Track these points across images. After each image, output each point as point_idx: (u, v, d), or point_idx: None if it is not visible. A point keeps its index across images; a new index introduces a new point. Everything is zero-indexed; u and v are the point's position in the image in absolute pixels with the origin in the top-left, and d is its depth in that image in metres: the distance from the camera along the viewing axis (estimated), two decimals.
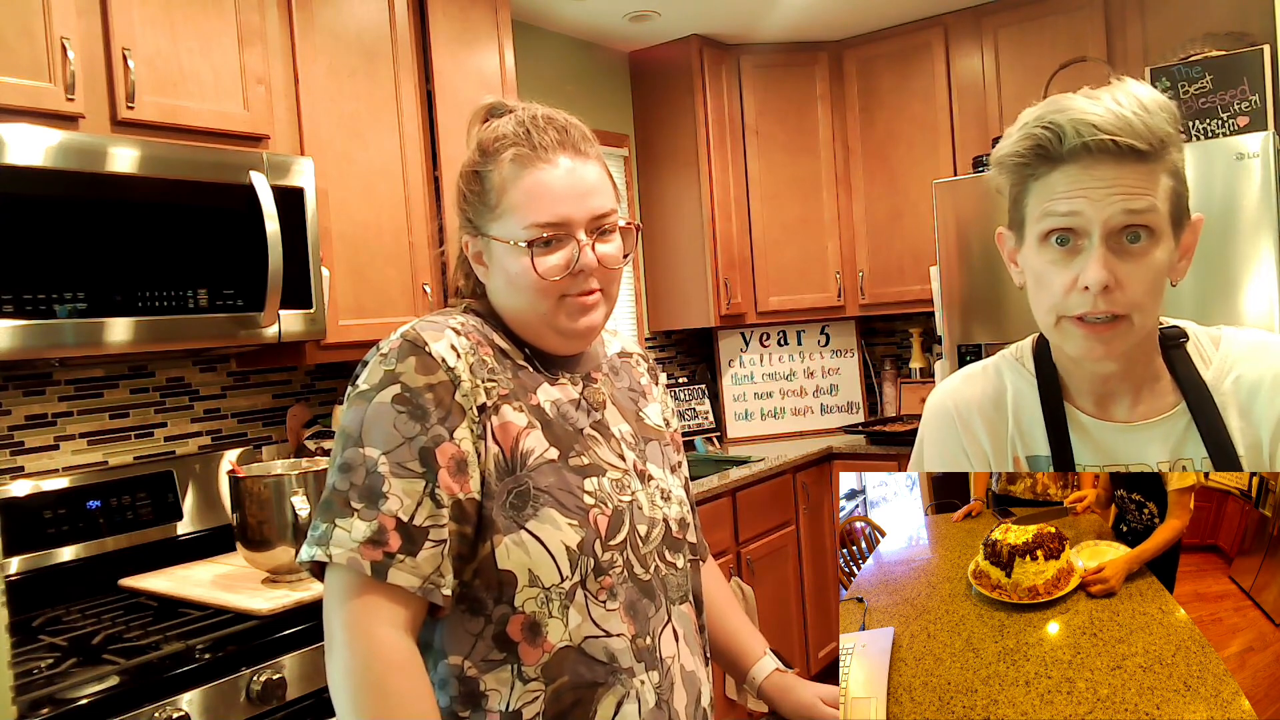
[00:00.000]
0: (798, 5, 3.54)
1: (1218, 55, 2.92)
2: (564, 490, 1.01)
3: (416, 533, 0.94)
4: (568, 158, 1.05)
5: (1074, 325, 0.97)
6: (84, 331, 1.74)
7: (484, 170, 1.06)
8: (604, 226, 1.06)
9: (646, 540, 1.07)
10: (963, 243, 3.21)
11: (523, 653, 0.98)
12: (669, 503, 1.13)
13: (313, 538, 0.95)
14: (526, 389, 1.06)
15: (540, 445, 1.03)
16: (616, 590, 1.02)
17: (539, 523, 0.99)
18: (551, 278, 1.03)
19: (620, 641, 1.01)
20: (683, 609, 1.11)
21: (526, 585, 0.98)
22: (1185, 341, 1.07)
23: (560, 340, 1.08)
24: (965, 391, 1.15)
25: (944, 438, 1.15)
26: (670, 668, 1.06)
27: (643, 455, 1.13)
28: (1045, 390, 1.09)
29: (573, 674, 0.99)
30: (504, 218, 1.04)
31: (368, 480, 0.94)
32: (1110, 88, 0.95)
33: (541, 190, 1.03)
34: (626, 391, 1.19)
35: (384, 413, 0.97)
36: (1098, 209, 0.93)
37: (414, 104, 2.51)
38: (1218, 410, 1.02)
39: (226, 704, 1.57)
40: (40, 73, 1.75)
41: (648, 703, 1.02)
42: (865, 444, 3.68)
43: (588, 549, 1.00)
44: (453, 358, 1.00)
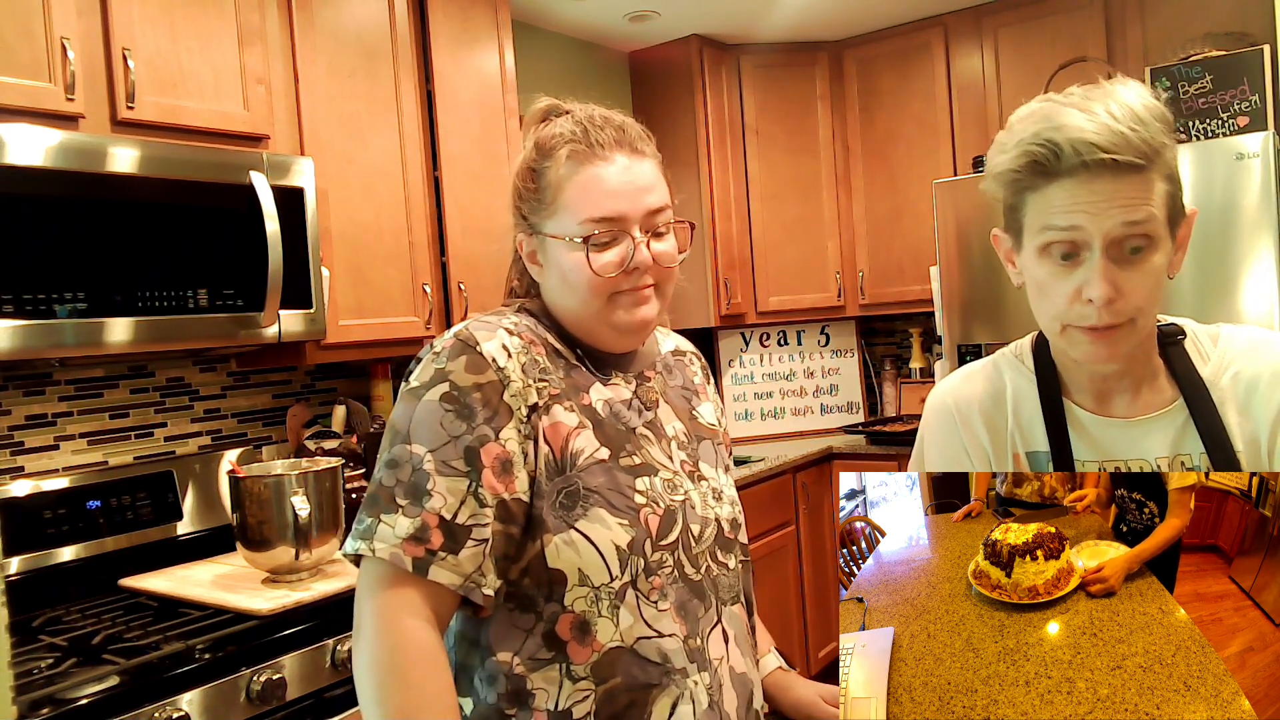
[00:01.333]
0: (798, 5, 3.53)
1: (1218, 55, 2.92)
2: (614, 490, 1.01)
3: (459, 531, 0.94)
4: (624, 155, 1.05)
5: (1079, 333, 0.98)
6: (84, 331, 1.74)
7: (540, 168, 1.06)
8: (658, 224, 1.06)
9: (699, 540, 1.07)
10: (963, 243, 3.21)
11: (572, 652, 0.98)
12: (721, 503, 1.12)
13: (357, 531, 0.96)
14: (579, 388, 1.06)
15: (591, 445, 1.03)
16: (667, 590, 1.02)
17: (589, 522, 0.99)
18: (606, 274, 1.03)
19: (673, 642, 1.01)
20: (734, 610, 1.10)
21: (576, 584, 0.98)
22: (1183, 339, 1.08)
23: (614, 336, 1.08)
24: (965, 389, 1.16)
25: (944, 435, 1.15)
26: (719, 669, 1.05)
27: (695, 455, 1.13)
28: (1044, 387, 1.09)
29: (626, 675, 0.98)
30: (559, 214, 1.05)
31: (413, 477, 0.95)
32: (1102, 94, 0.95)
33: (597, 186, 1.03)
34: (680, 390, 1.19)
35: (432, 411, 0.97)
36: (1097, 223, 0.93)
37: (414, 104, 2.51)
38: (1214, 406, 1.03)
39: (226, 704, 1.57)
40: (40, 73, 1.75)
41: (701, 704, 1.02)
42: (865, 444, 3.68)
43: (638, 549, 1.00)
44: (503, 357, 1.01)
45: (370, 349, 2.40)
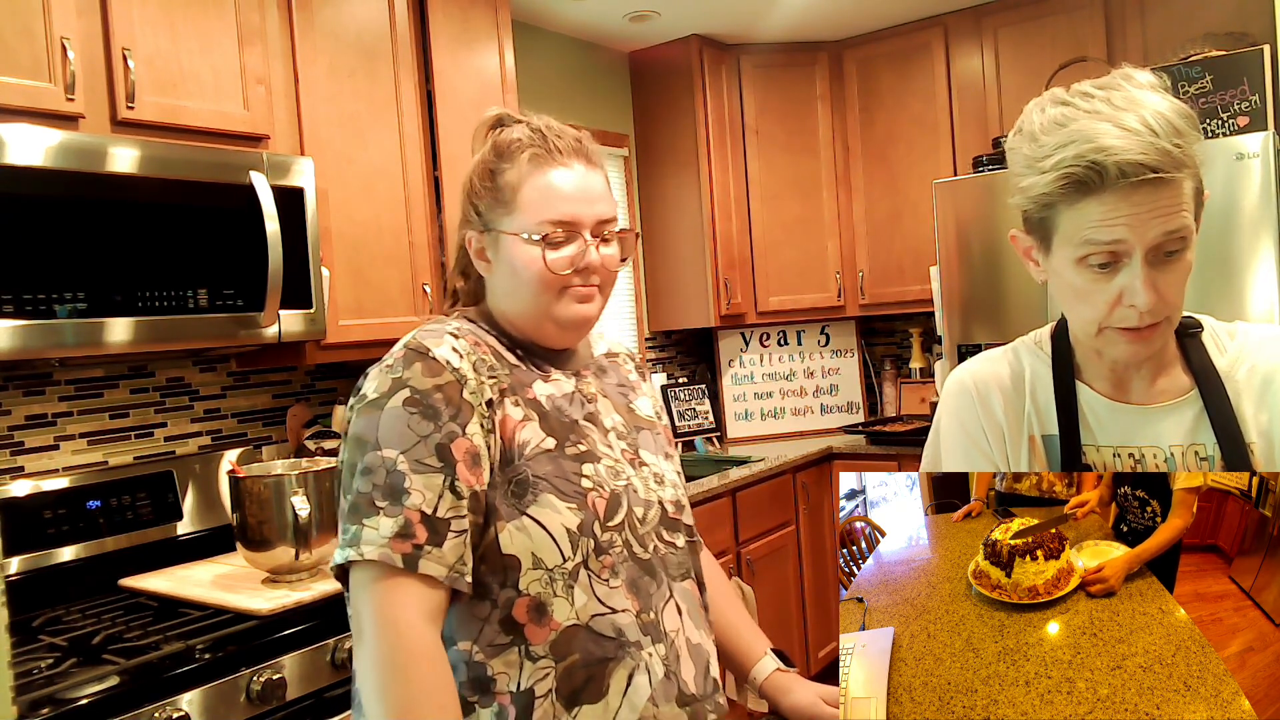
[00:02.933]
0: (798, 5, 3.54)
1: (1218, 55, 2.92)
2: (561, 477, 1.06)
3: (440, 524, 0.98)
4: (581, 164, 1.12)
5: (1118, 334, 0.99)
6: (84, 331, 1.74)
7: (498, 168, 1.12)
8: (607, 231, 1.13)
9: (644, 521, 1.12)
10: (963, 243, 3.21)
11: (529, 634, 1.02)
12: (663, 486, 1.17)
13: (343, 541, 1.00)
14: (523, 384, 1.11)
15: (537, 436, 1.07)
16: (618, 568, 1.06)
17: (539, 507, 1.03)
18: (559, 271, 1.09)
19: (626, 617, 1.05)
20: (685, 585, 1.15)
21: (530, 568, 1.02)
22: (1200, 331, 1.10)
23: (557, 331, 1.13)
24: (985, 371, 1.17)
25: (962, 414, 1.16)
26: (675, 640, 1.10)
27: (634, 443, 1.18)
28: (1059, 371, 1.10)
29: (583, 651, 1.02)
30: (517, 213, 1.10)
31: (389, 479, 0.99)
32: (1127, 100, 0.94)
33: (556, 189, 1.10)
34: (616, 387, 1.25)
35: (397, 415, 1.01)
36: (1139, 234, 0.93)
37: (414, 104, 2.51)
38: (1228, 397, 1.04)
39: (226, 704, 1.57)
40: (40, 73, 1.75)
41: (657, 674, 1.06)
42: (865, 444, 3.68)
43: (587, 530, 1.05)
44: (456, 359, 1.05)
45: (370, 349, 2.39)
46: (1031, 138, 0.99)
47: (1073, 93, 0.99)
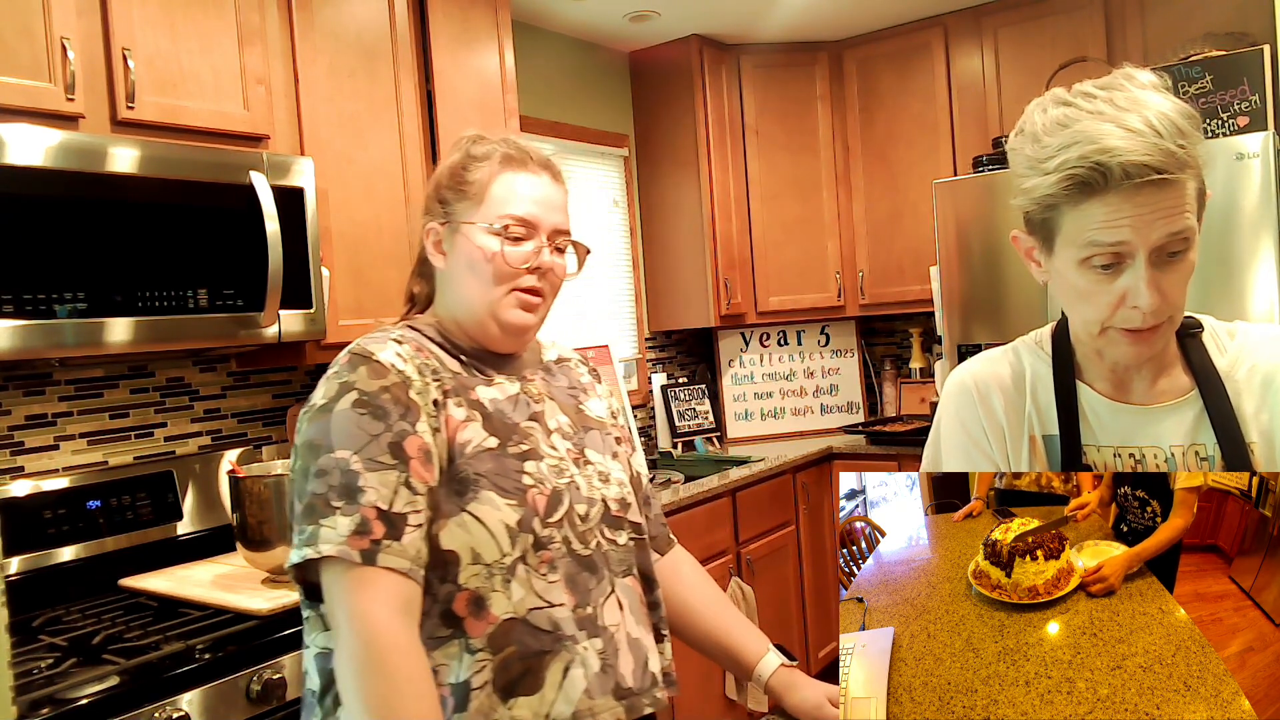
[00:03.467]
0: (798, 5, 3.54)
1: (1218, 55, 2.92)
2: (502, 475, 1.08)
3: (397, 519, 1.00)
4: (548, 176, 1.20)
5: (1120, 334, 0.99)
6: (84, 331, 1.74)
7: (470, 165, 1.20)
8: (561, 243, 1.20)
9: (586, 518, 1.14)
10: (963, 243, 3.21)
11: (468, 627, 1.04)
12: (607, 484, 1.20)
13: (299, 540, 1.01)
14: (466, 387, 1.14)
15: (479, 435, 1.10)
16: (556, 564, 1.09)
17: (479, 504, 1.06)
18: (514, 264, 1.14)
19: (563, 611, 1.07)
20: (626, 582, 1.17)
21: (470, 563, 1.04)
22: (1200, 332, 1.10)
23: (499, 333, 1.17)
24: (986, 370, 1.17)
25: (962, 414, 1.16)
26: (615, 635, 1.12)
27: (580, 443, 1.21)
28: (1060, 371, 1.10)
29: (519, 644, 1.04)
30: (483, 205, 1.16)
31: (344, 479, 1.00)
32: (1130, 100, 0.94)
33: (522, 190, 1.17)
34: (565, 389, 1.28)
35: (347, 418, 1.03)
36: (1143, 235, 0.93)
37: (414, 104, 2.51)
38: (1228, 397, 1.04)
39: (226, 704, 1.57)
40: (40, 73, 1.75)
41: (592, 668, 1.08)
42: (865, 444, 3.68)
43: (527, 526, 1.07)
44: (400, 362, 1.08)
45: None
46: (1034, 138, 0.99)
47: (1074, 93, 0.98)
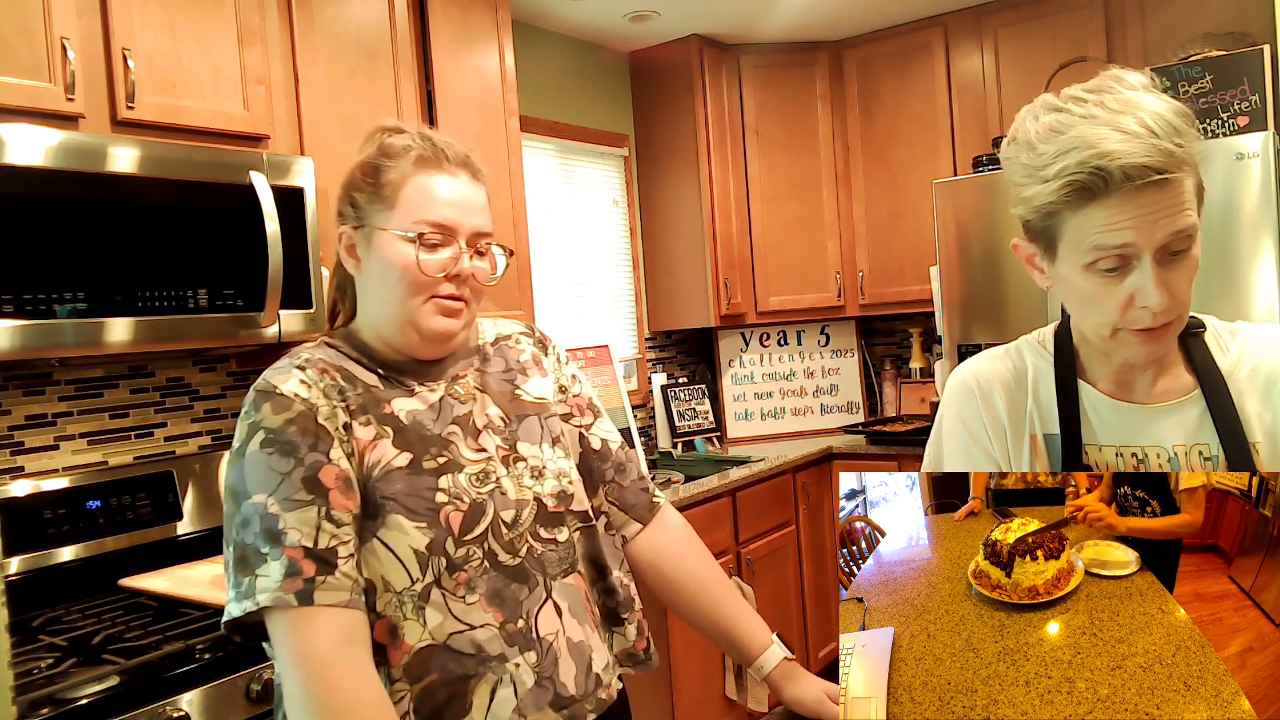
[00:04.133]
0: (798, 5, 3.53)
1: (1218, 55, 2.92)
2: (412, 495, 1.05)
3: (326, 554, 0.98)
4: (465, 175, 1.14)
5: (1131, 335, 0.99)
6: (84, 331, 1.74)
7: (382, 165, 1.12)
8: (482, 244, 1.13)
9: (513, 525, 1.11)
10: (963, 243, 3.21)
11: (389, 655, 1.02)
12: (541, 479, 1.16)
13: (236, 594, 0.99)
14: (379, 400, 1.10)
15: (389, 454, 1.06)
16: (475, 583, 1.06)
17: (387, 530, 1.03)
18: (430, 273, 1.08)
19: (485, 632, 1.05)
20: (567, 582, 1.14)
21: (383, 591, 1.03)
22: (1203, 331, 1.09)
23: (419, 342, 1.12)
24: (988, 368, 1.17)
25: (964, 412, 1.16)
26: (553, 644, 1.09)
27: (512, 437, 1.17)
28: (1061, 370, 1.10)
29: (441, 670, 1.02)
30: (396, 210, 1.10)
31: (265, 524, 0.98)
32: (1124, 103, 0.93)
33: (437, 193, 1.11)
34: (501, 374, 1.23)
35: (258, 460, 1.01)
36: (1146, 236, 0.93)
37: (414, 104, 2.51)
38: (1231, 397, 1.04)
39: (226, 704, 1.57)
40: (40, 73, 1.75)
41: (525, 684, 1.06)
42: (865, 444, 3.68)
43: (438, 549, 1.04)
44: (304, 390, 1.06)
45: None
46: (1029, 146, 0.98)
47: (1064, 98, 0.98)
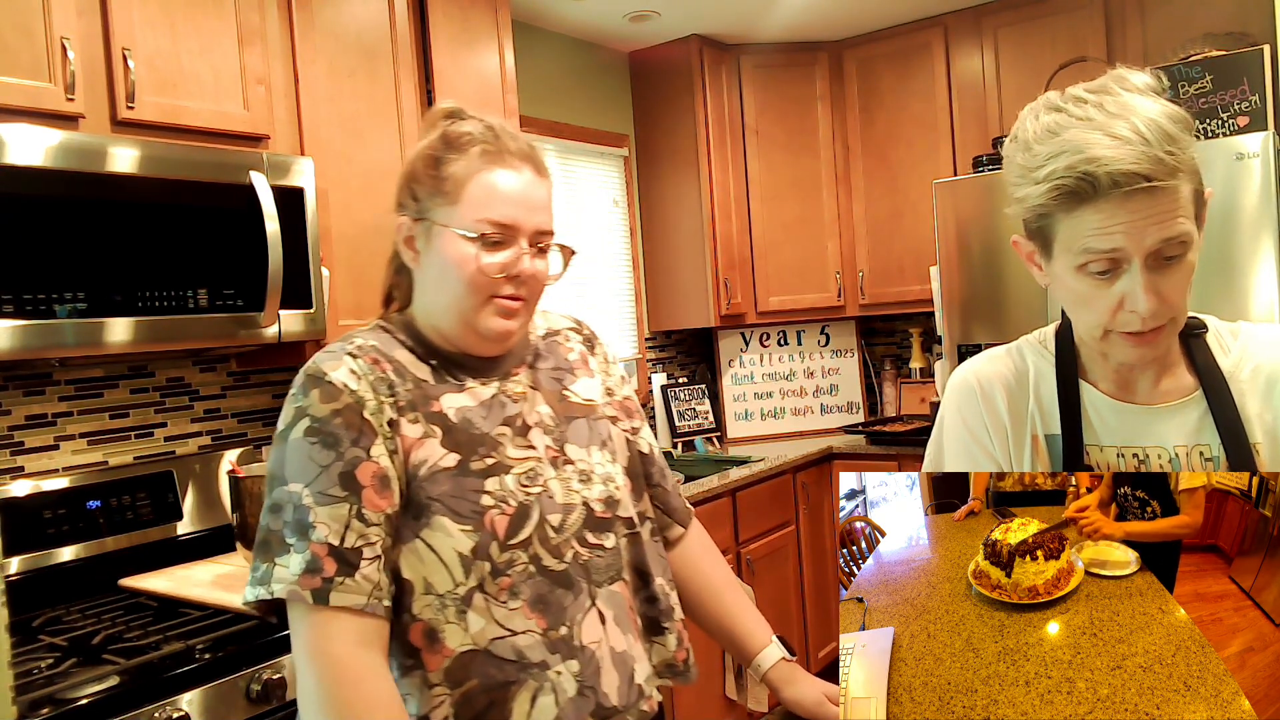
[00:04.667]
0: (798, 5, 3.53)
1: (1218, 55, 2.92)
2: (458, 496, 1.04)
3: (350, 554, 0.97)
4: (530, 170, 1.10)
5: (1122, 338, 0.99)
6: (84, 331, 1.74)
7: (445, 157, 1.08)
8: (543, 244, 1.11)
9: (560, 529, 1.09)
10: (963, 243, 3.21)
11: (425, 659, 1.01)
12: (590, 484, 1.14)
13: (254, 578, 0.99)
14: (428, 398, 1.08)
15: (435, 454, 1.05)
16: (519, 588, 1.04)
17: (431, 531, 1.02)
18: (490, 274, 1.06)
19: (527, 638, 1.03)
20: (612, 589, 1.12)
21: (422, 593, 1.01)
22: (1204, 332, 1.09)
23: (477, 340, 1.11)
24: (989, 368, 1.16)
25: (965, 412, 1.15)
26: (596, 652, 1.07)
27: (561, 438, 1.15)
28: (1062, 370, 1.10)
29: (482, 676, 1.01)
30: (458, 206, 1.07)
31: (295, 515, 0.98)
32: (1120, 106, 0.93)
33: (501, 190, 1.07)
34: (551, 373, 1.21)
35: (299, 448, 1.00)
36: (1136, 241, 0.93)
37: (414, 104, 2.51)
38: (1233, 398, 1.04)
39: (226, 704, 1.57)
40: (40, 73, 1.75)
41: (567, 693, 1.04)
42: (865, 444, 3.68)
43: (482, 553, 1.03)
44: (353, 381, 1.04)
45: None
46: (1025, 146, 0.99)
47: (1065, 98, 0.98)
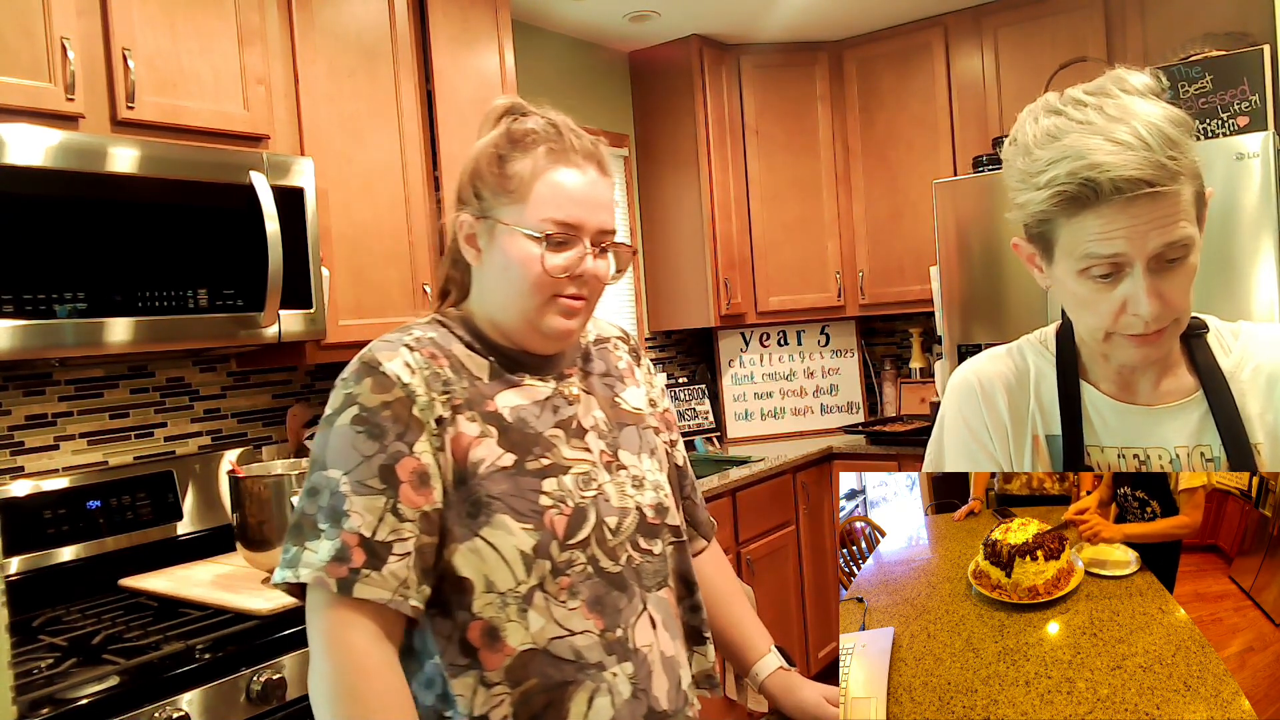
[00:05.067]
0: (798, 5, 3.53)
1: (1218, 55, 2.92)
2: (517, 495, 1.03)
3: (380, 548, 0.97)
4: (594, 169, 1.09)
5: (1124, 339, 0.99)
6: (84, 331, 1.74)
7: (509, 155, 1.07)
8: (605, 243, 1.10)
9: (617, 531, 1.09)
10: (963, 243, 3.21)
11: (484, 658, 1.00)
12: (642, 489, 1.14)
13: (284, 560, 0.99)
14: (484, 396, 1.08)
15: (493, 453, 1.05)
16: (577, 588, 1.04)
17: (492, 529, 1.01)
18: (555, 274, 1.05)
19: (586, 639, 1.03)
20: (660, 595, 1.12)
21: (483, 591, 1.01)
22: (1206, 332, 1.09)
23: (538, 339, 1.10)
24: (990, 368, 1.16)
25: (966, 411, 1.15)
26: (648, 656, 1.07)
27: (615, 444, 1.15)
28: (1064, 371, 1.10)
29: (541, 675, 1.01)
30: (521, 205, 1.06)
31: (331, 501, 0.98)
32: (1120, 109, 0.93)
33: (566, 190, 1.06)
34: (602, 379, 1.21)
35: (344, 435, 1.00)
36: (1138, 246, 0.92)
37: (414, 104, 2.51)
38: (1233, 398, 1.04)
39: (226, 704, 1.57)
40: (40, 73, 1.75)
41: (622, 694, 1.04)
42: (865, 444, 3.68)
43: (543, 551, 1.02)
44: (407, 374, 1.03)
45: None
46: (1025, 150, 0.98)
47: (1065, 100, 0.97)
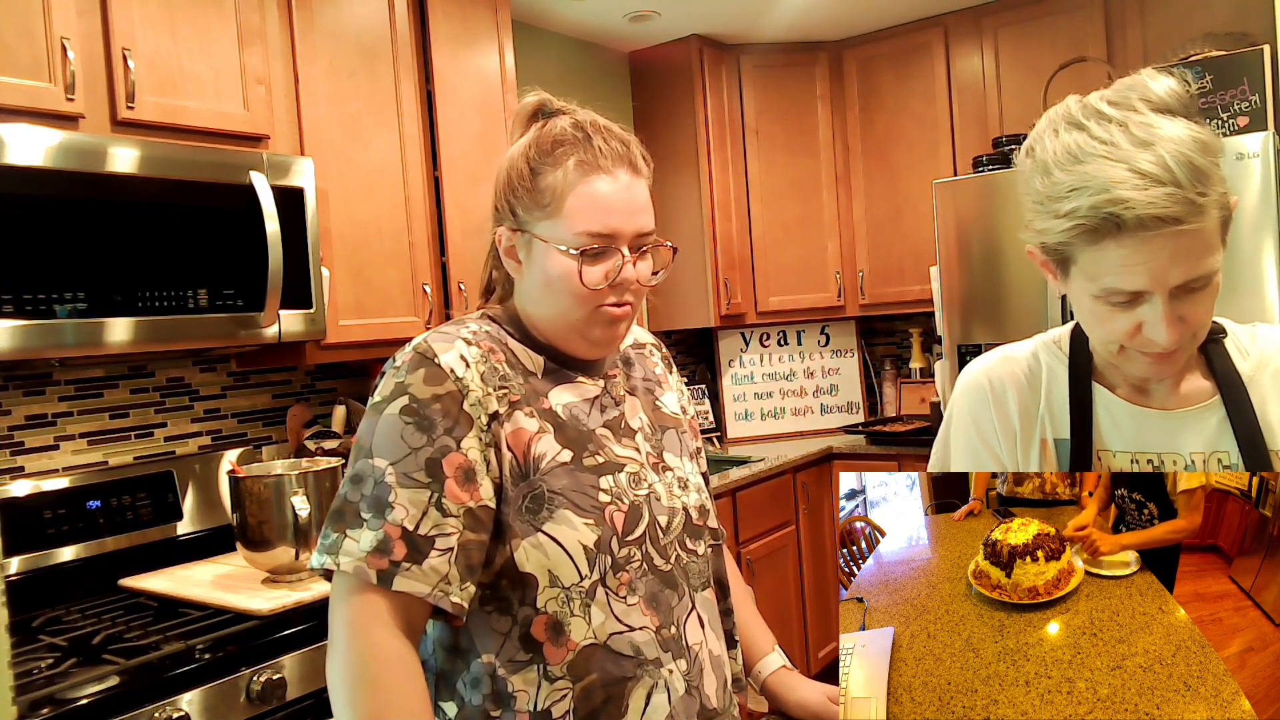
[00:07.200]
0: (798, 5, 3.53)
1: (1218, 55, 2.92)
2: (578, 491, 1.03)
3: (422, 541, 0.95)
4: (626, 172, 1.06)
5: (1139, 355, 0.96)
6: (84, 331, 1.74)
7: (539, 167, 1.06)
8: (645, 244, 1.08)
9: (667, 530, 1.09)
10: (963, 243, 3.21)
11: (547, 653, 1.00)
12: (687, 491, 1.14)
13: (323, 545, 0.97)
14: (539, 393, 1.07)
15: (552, 449, 1.04)
16: (635, 584, 1.04)
17: (555, 524, 1.00)
18: (594, 287, 1.04)
19: (644, 634, 1.03)
20: (705, 595, 1.13)
21: (547, 586, 1.00)
22: (1224, 337, 1.07)
23: (585, 346, 1.10)
24: (1002, 368, 1.14)
25: (975, 411, 1.13)
26: (699, 654, 1.08)
27: (659, 446, 1.15)
28: (1075, 374, 1.08)
29: (601, 671, 1.00)
30: (555, 219, 1.04)
31: (375, 491, 0.96)
32: (1146, 130, 0.88)
33: (599, 201, 1.04)
34: (642, 382, 1.21)
35: (393, 424, 0.98)
36: (1160, 280, 0.89)
37: (414, 104, 2.51)
38: (1251, 403, 1.02)
39: (226, 704, 1.57)
40: (40, 73, 1.75)
41: (677, 691, 1.04)
42: (865, 444, 3.68)
43: (605, 546, 1.02)
44: (461, 368, 1.01)
45: (370, 349, 2.40)
46: (1045, 170, 0.94)
47: (1088, 112, 0.93)
